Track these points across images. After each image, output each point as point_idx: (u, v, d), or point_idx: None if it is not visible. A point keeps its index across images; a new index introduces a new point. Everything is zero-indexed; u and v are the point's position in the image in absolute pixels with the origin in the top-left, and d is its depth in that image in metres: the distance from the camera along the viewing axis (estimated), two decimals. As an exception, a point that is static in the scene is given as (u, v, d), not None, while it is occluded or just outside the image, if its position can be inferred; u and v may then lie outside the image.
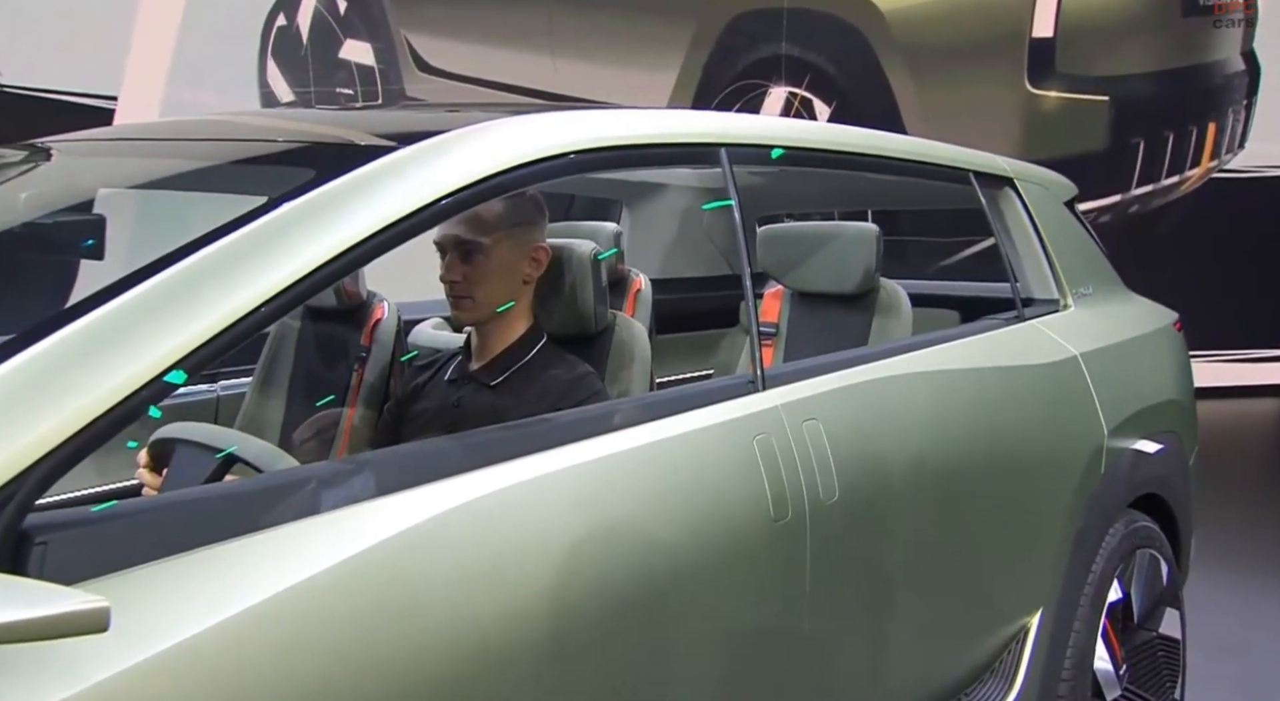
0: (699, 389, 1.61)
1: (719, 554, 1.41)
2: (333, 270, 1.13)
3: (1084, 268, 2.56)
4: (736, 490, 1.45)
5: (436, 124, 1.72)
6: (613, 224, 2.60)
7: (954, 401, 1.93)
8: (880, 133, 2.07)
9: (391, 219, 1.19)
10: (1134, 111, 6.37)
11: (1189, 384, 2.71)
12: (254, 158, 1.48)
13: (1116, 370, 2.36)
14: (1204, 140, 6.58)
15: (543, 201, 1.77)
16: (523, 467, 1.23)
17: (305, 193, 1.18)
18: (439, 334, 2.27)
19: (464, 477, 1.18)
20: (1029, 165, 2.60)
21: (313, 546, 1.04)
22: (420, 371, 1.89)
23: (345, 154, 1.38)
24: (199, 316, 1.03)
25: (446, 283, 1.72)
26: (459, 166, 1.29)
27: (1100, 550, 2.19)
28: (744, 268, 1.66)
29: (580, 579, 1.23)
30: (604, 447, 1.33)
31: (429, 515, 1.13)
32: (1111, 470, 2.24)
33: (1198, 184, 6.63)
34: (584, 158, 1.44)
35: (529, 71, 6.02)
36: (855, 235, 2.34)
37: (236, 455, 1.26)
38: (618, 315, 1.85)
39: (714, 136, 1.67)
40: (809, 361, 1.75)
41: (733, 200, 1.65)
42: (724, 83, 6.05)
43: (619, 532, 1.30)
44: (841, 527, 1.60)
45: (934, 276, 3.42)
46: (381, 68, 6.07)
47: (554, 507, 1.25)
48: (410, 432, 1.80)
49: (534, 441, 1.29)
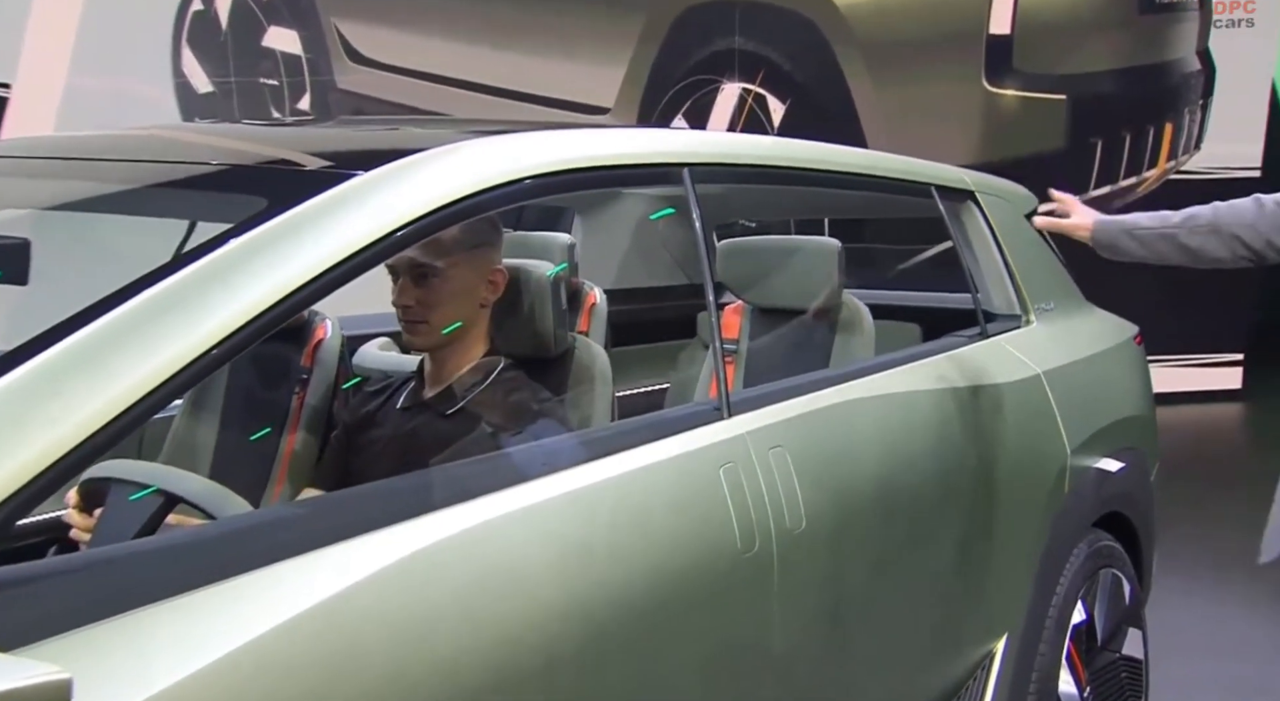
0: (664, 417, 1.65)
1: (688, 588, 1.45)
2: (283, 309, 1.14)
3: (1045, 282, 2.65)
4: (705, 522, 1.49)
5: (392, 145, 1.75)
6: (565, 235, 2.62)
7: (919, 425, 2.00)
8: (843, 148, 2.13)
9: (347, 253, 1.20)
10: (1092, 110, 6.54)
11: (1150, 398, 2.82)
12: (199, 182, 1.48)
13: (1079, 388, 2.45)
14: (1161, 140, 6.78)
15: (499, 222, 1.80)
16: (485, 506, 1.26)
17: (255, 226, 1.18)
18: (387, 355, 2.27)
19: (427, 519, 1.20)
20: (989, 177, 2.69)
21: (274, 596, 1.06)
22: (370, 398, 1.90)
23: (299, 180, 1.39)
24: (139, 364, 1.02)
25: (399, 307, 1.74)
26: (420, 194, 1.31)
27: (1064, 572, 2.27)
28: (707, 288, 1.70)
29: (546, 617, 1.27)
30: (569, 482, 1.36)
31: (392, 559, 1.15)
32: (1075, 490, 2.33)
33: (1155, 185, 6.83)
34: (547, 181, 1.48)
35: (469, 64, 6.00)
36: (817, 250, 2.40)
37: (180, 497, 1.25)
38: (578, 337, 1.88)
39: (677, 156, 1.71)
40: (774, 385, 1.80)
41: (696, 221, 1.70)
42: (675, 78, 6.09)
43: (585, 569, 1.33)
44: (808, 557, 1.65)
45: (892, 282, 3.50)
46: (309, 57, 6.00)
47: (518, 547, 1.27)
48: (360, 462, 1.81)
49: (496, 478, 1.32)
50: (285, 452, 2.14)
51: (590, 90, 6.04)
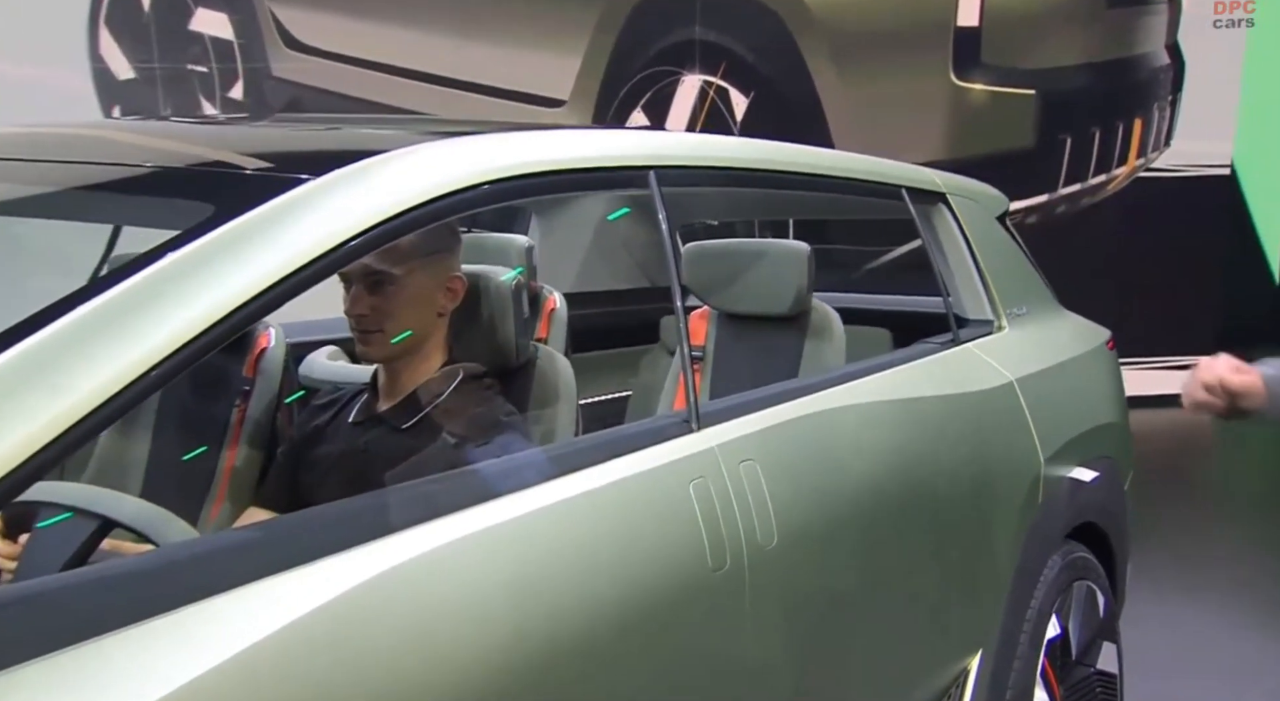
0: (632, 431, 1.66)
1: (657, 608, 1.46)
2: (231, 325, 1.12)
3: (1017, 286, 2.70)
4: (675, 540, 1.50)
5: (344, 146, 1.74)
6: (524, 237, 2.62)
7: (892, 436, 2.02)
8: (813, 149, 2.16)
9: (299, 263, 1.19)
10: (1061, 106, 6.65)
11: (1123, 405, 2.88)
12: (136, 187, 1.45)
13: (1052, 395, 2.49)
14: (1130, 137, 6.91)
15: (457, 227, 1.80)
16: (445, 527, 1.25)
17: (200, 235, 1.17)
18: (336, 365, 2.25)
19: (386, 542, 1.19)
20: (961, 179, 2.73)
21: (223, 630, 1.04)
22: (319, 411, 1.89)
23: (247, 185, 1.38)
24: (68, 390, 0.99)
25: (352, 316, 1.73)
26: (375, 200, 1.30)
27: (1038, 585, 2.31)
28: (675, 293, 1.71)
29: (510, 642, 1.27)
30: (534, 500, 1.36)
31: (350, 585, 1.14)
32: (1049, 500, 2.37)
33: (1124, 183, 6.97)
34: (509, 186, 1.48)
35: (415, 52, 5.95)
36: (786, 254, 2.42)
37: (116, 521, 1.20)
38: (540, 347, 1.89)
39: (643, 159, 1.72)
40: (745, 396, 1.82)
41: (663, 223, 1.71)
42: (634, 70, 6.10)
43: (552, 590, 1.34)
44: (780, 574, 1.67)
45: (860, 283, 3.53)
46: (242, 43, 5.92)
47: (481, 570, 1.27)
48: (310, 480, 1.80)
49: (456, 497, 1.31)
50: (225, 470, 2.10)
51: (544, 81, 6.02)
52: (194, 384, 2.23)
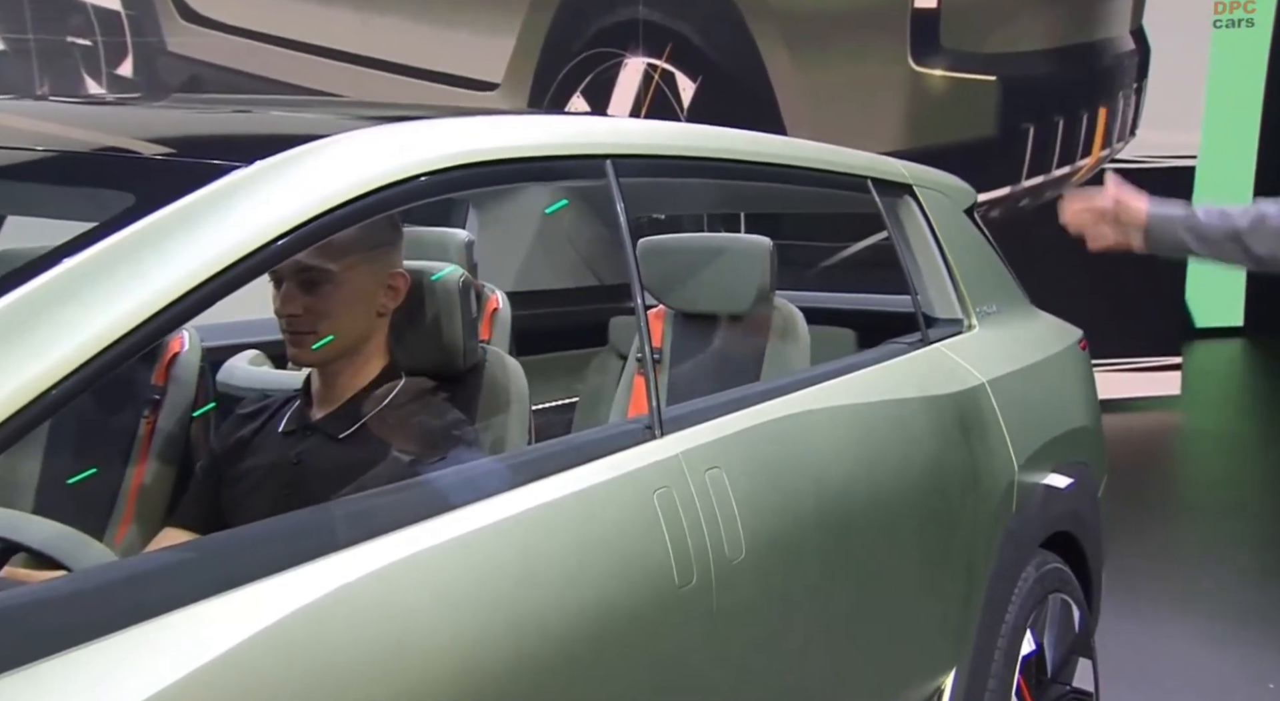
0: (590, 438, 1.66)
1: (621, 627, 1.47)
2: (151, 330, 1.10)
3: (987, 283, 2.76)
4: (640, 555, 1.52)
5: (271, 131, 1.72)
6: (464, 232, 2.62)
7: (862, 441, 2.06)
8: (783, 139, 2.19)
9: (226, 262, 1.17)
10: (1023, 93, 6.77)
11: (1096, 408, 2.96)
12: (33, 174, 1.42)
13: (1025, 398, 2.56)
14: (1095, 126, 7.07)
15: (399, 219, 1.80)
16: (387, 545, 1.25)
17: (115, 231, 1.14)
18: (260, 371, 2.23)
19: (322, 563, 1.18)
20: (928, 170, 2.78)
21: (144, 663, 1.02)
22: (243, 421, 1.86)
23: (165, 175, 1.36)
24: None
25: (283, 317, 1.71)
26: (312, 192, 1.29)
27: (1013, 597, 2.37)
28: (635, 291, 1.73)
29: (461, 667, 1.27)
30: (485, 514, 1.37)
31: (287, 610, 1.13)
32: (1023, 508, 2.43)
33: (1089, 175, 7.12)
34: (457, 175, 1.48)
35: (330, 28, 5.87)
36: (746, 249, 2.45)
37: (21, 545, 1.18)
38: (489, 349, 1.89)
39: (599, 147, 1.73)
40: (709, 401, 1.84)
41: (620, 216, 1.72)
42: (572, 51, 6.09)
43: (507, 611, 1.34)
44: (748, 588, 1.69)
45: (823, 283, 3.57)
46: (131, 14, 5.79)
47: (428, 590, 1.27)
48: (235, 497, 1.77)
49: (399, 512, 1.31)
50: (132, 489, 2.06)
51: (474, 62, 5.99)
52: (95, 393, 2.18)
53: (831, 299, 3.19)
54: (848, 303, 3.16)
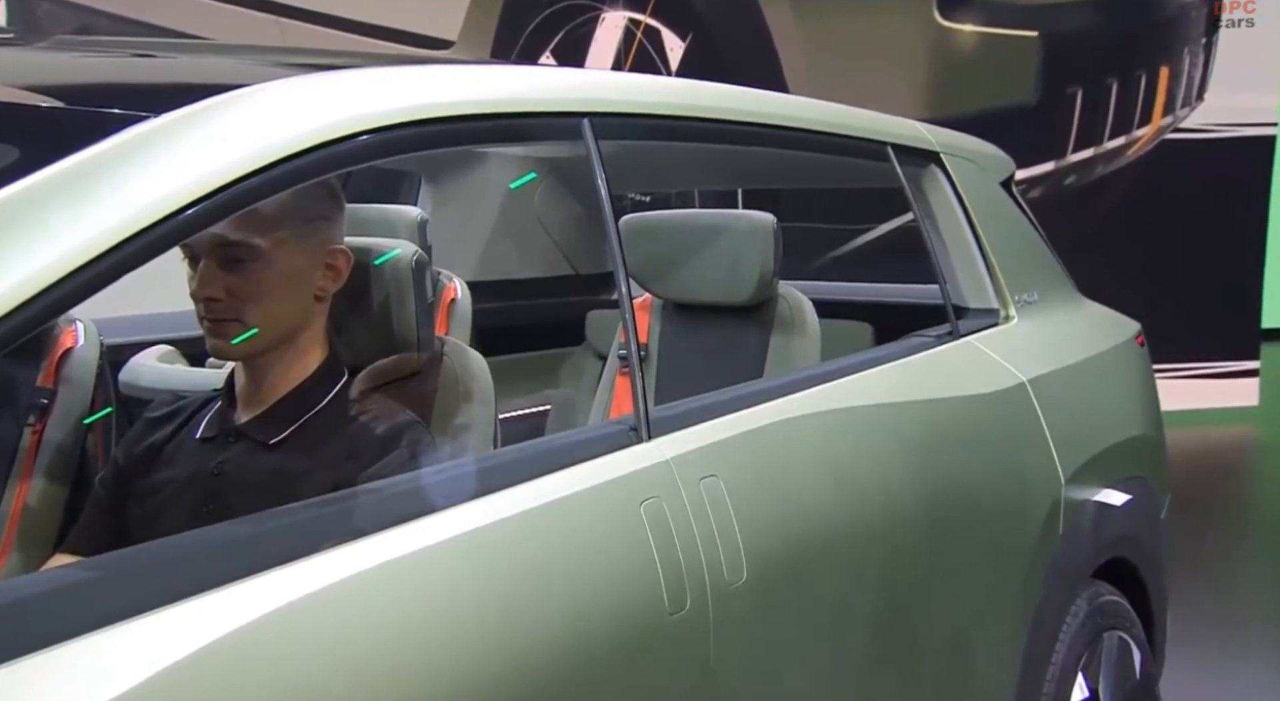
0: (567, 441, 1.69)
1: (603, 661, 1.50)
2: (22, 320, 1.08)
3: (1028, 267, 2.80)
4: (624, 576, 1.54)
5: (183, 78, 1.73)
6: (415, 208, 2.65)
7: (879, 447, 2.09)
8: (782, 96, 2.22)
9: (128, 233, 1.17)
10: (1069, 51, 6.80)
11: (1157, 413, 3.00)
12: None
13: (1073, 400, 2.59)
14: (1155, 90, 7.10)
15: (338, 189, 1.82)
16: (328, 565, 1.26)
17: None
18: (172, 369, 2.25)
19: (247, 585, 1.20)
20: (958, 136, 2.82)
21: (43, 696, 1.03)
22: (153, 427, 1.87)
23: (46, 127, 1.36)
24: None
25: (200, 301, 1.72)
26: (235, 150, 1.29)
27: (1060, 636, 2.40)
28: (619, 277, 1.75)
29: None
30: (445, 527, 1.39)
31: (210, 638, 1.14)
32: (1071, 530, 2.46)
33: (1148, 147, 7.16)
34: (408, 134, 1.50)
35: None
36: (747, 229, 2.48)
37: None
38: (447, 340, 1.91)
39: (575, 103, 1.76)
40: (703, 399, 1.87)
41: (601, 189, 1.75)
42: (540, 4, 6.13)
43: (468, 641, 1.36)
44: (751, 617, 1.72)
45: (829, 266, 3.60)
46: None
47: (376, 617, 1.29)
48: (143, 516, 1.78)
49: (341, 527, 1.32)
50: (14, 510, 2.05)
51: (424, 15, 6.02)
52: None
53: (845, 288, 3.22)
54: (864, 292, 3.19)
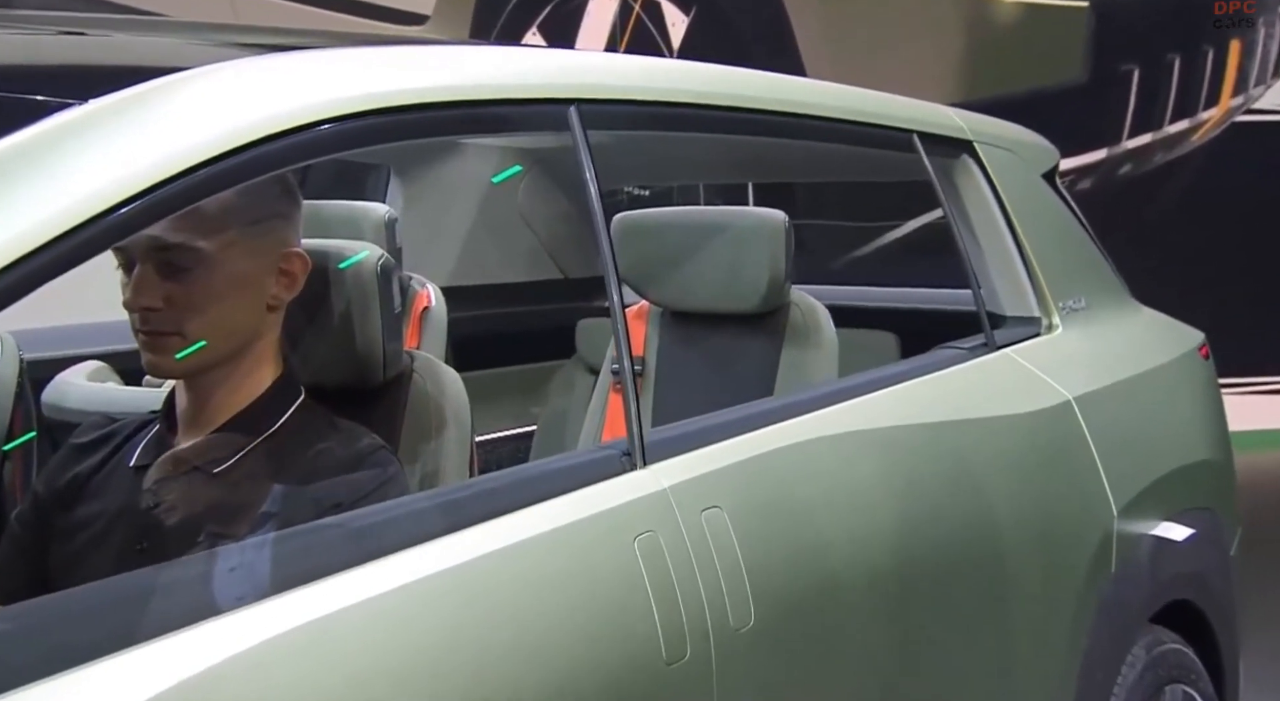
0: (552, 467, 1.70)
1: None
2: None
3: (1073, 269, 2.81)
4: (616, 620, 1.56)
5: (120, 60, 1.74)
6: (383, 205, 2.66)
7: (904, 474, 2.10)
8: (794, 80, 2.23)
9: (54, 233, 1.18)
10: (1125, 23, 6.81)
11: (1224, 436, 2.99)
12: None
13: (1127, 420, 2.60)
14: (1223, 68, 7.10)
15: (294, 185, 1.83)
16: (281, 610, 1.27)
17: None
18: (102, 389, 2.25)
19: (192, 633, 1.21)
20: (994, 122, 2.83)
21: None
22: (80, 453, 1.87)
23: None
24: None
25: (136, 311, 1.73)
26: (176, 140, 1.31)
27: (1115, 689, 2.39)
28: (610, 282, 1.77)
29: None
30: (413, 566, 1.40)
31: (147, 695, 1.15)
32: (1125, 569, 2.47)
33: (1216, 131, 7.15)
34: (373, 123, 1.52)
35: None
36: (755, 227, 2.49)
37: None
38: (416, 355, 1.93)
39: (561, 88, 1.77)
40: (704, 421, 1.88)
41: (590, 184, 1.76)
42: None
43: (441, 695, 1.37)
44: (759, 667, 1.73)
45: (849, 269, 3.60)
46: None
47: (338, 668, 1.30)
48: (69, 555, 1.78)
49: (296, 567, 1.33)
50: None
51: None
52: None
53: (866, 293, 3.23)
54: (887, 298, 3.20)
